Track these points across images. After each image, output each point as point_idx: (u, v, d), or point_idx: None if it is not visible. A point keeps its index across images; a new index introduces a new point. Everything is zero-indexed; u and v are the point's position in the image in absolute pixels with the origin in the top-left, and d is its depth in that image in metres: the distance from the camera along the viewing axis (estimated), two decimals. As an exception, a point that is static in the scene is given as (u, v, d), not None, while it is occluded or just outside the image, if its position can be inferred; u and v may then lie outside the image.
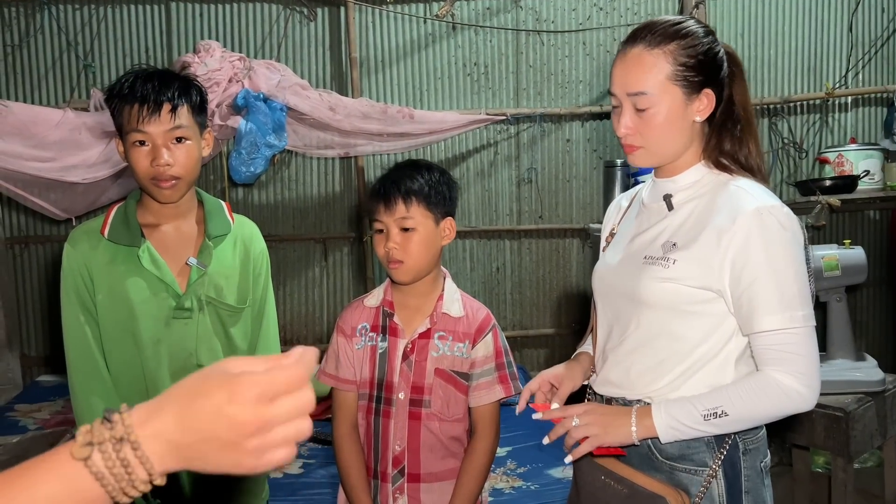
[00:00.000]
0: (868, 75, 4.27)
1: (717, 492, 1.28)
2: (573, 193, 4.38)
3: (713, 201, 1.29)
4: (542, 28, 4.26)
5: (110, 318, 1.52)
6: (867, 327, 4.41)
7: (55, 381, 4.06)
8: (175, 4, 4.14)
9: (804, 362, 1.21)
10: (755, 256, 1.22)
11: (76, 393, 1.54)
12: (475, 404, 1.58)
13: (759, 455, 1.32)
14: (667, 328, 1.30)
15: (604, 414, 1.29)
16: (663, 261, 1.29)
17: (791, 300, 1.21)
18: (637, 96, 1.28)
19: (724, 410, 1.21)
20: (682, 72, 1.27)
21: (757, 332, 1.23)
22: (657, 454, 1.32)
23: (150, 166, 1.47)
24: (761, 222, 1.22)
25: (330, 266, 4.38)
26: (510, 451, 3.05)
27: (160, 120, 1.46)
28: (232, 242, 1.62)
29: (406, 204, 1.52)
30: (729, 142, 1.33)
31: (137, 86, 1.46)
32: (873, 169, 3.52)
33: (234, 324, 1.61)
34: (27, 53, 4.09)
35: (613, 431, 1.27)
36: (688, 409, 1.23)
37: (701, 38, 1.29)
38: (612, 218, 1.55)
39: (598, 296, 1.48)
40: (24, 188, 3.48)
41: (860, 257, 2.41)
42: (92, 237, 1.54)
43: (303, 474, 2.93)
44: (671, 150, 1.33)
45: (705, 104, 1.30)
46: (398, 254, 1.52)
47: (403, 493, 1.56)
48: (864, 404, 2.29)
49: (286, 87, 3.58)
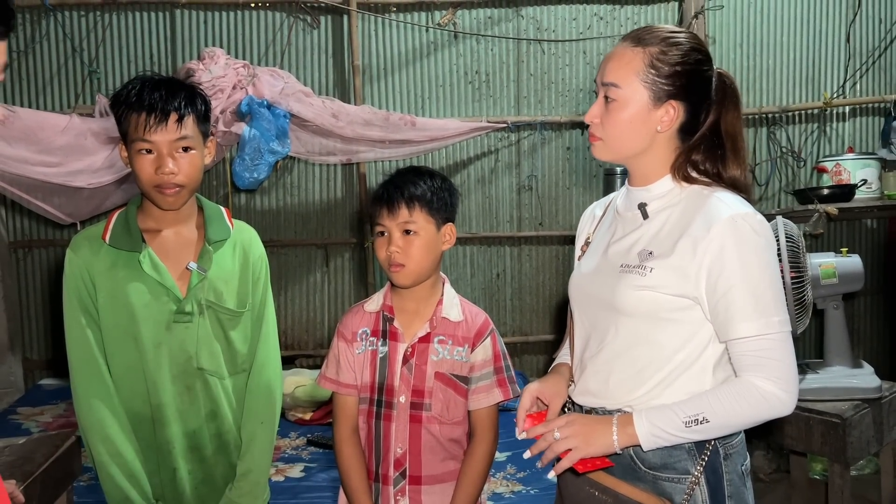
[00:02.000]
0: (865, 85, 4.31)
1: (700, 498, 1.29)
2: (573, 200, 4.41)
3: (688, 210, 1.30)
4: (542, 37, 4.30)
5: (111, 321, 1.54)
6: (864, 335, 4.43)
7: (57, 384, 4.08)
8: (180, 12, 4.17)
9: (782, 367, 1.22)
10: (730, 264, 1.23)
11: (78, 396, 1.56)
12: (474, 407, 1.60)
13: (739, 459, 1.33)
14: (645, 336, 1.31)
15: (584, 424, 1.28)
16: (640, 269, 1.30)
17: (766, 306, 1.23)
18: (608, 86, 1.31)
19: (705, 417, 1.22)
20: (652, 75, 1.29)
21: (734, 339, 1.24)
22: (640, 464, 1.32)
23: (154, 174, 1.48)
24: (735, 230, 1.23)
25: (331, 271, 4.40)
26: (510, 456, 3.07)
27: (167, 129, 1.48)
28: (231, 247, 1.64)
29: (409, 208, 1.54)
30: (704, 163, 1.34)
31: (145, 94, 1.47)
32: (870, 178, 3.54)
33: (233, 327, 1.63)
34: (33, 59, 4.12)
35: (595, 442, 1.26)
36: (669, 417, 1.23)
37: (685, 52, 1.30)
38: (587, 227, 1.56)
39: (574, 305, 1.48)
40: (28, 192, 3.50)
41: (857, 265, 2.44)
42: (93, 243, 1.56)
43: (304, 478, 2.95)
44: (627, 149, 1.34)
45: (670, 115, 1.30)
46: (400, 257, 1.54)
47: (405, 496, 1.57)
48: (860, 411, 2.32)
49: (289, 94, 3.61)
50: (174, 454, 1.59)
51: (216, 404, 1.61)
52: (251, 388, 1.67)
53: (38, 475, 1.87)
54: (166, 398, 1.56)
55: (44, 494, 1.90)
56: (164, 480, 1.60)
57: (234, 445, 1.66)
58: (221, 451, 1.64)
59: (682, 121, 1.32)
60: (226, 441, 1.64)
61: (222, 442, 1.64)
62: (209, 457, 1.63)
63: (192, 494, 1.62)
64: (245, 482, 1.63)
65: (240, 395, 1.66)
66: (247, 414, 1.66)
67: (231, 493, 1.63)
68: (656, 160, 1.35)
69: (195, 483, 1.62)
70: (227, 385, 1.63)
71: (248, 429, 1.65)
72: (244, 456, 1.65)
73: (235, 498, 1.62)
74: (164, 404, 1.56)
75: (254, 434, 1.65)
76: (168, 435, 1.58)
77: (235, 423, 1.65)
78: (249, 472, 1.64)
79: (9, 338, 4.10)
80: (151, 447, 1.58)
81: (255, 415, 1.66)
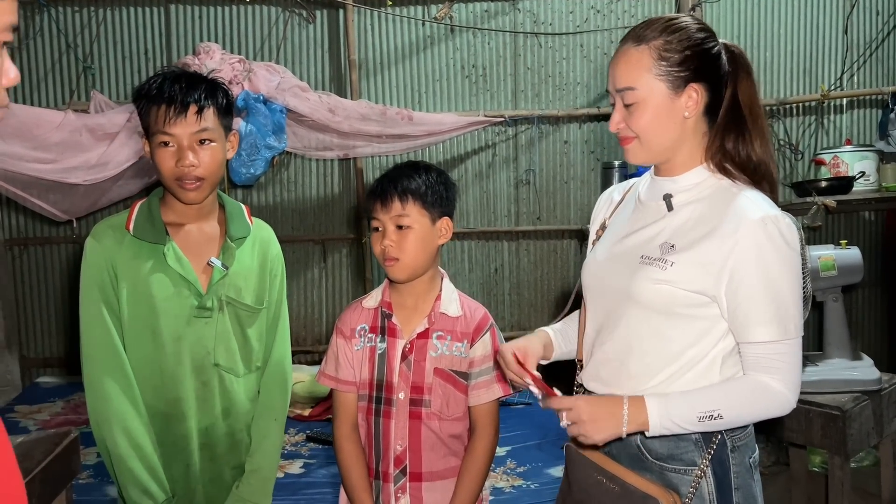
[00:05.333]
0: (863, 77, 4.30)
1: (706, 490, 1.29)
2: (571, 195, 4.40)
3: (716, 206, 1.28)
4: (539, 31, 4.28)
5: (132, 313, 1.53)
6: (863, 327, 4.44)
7: (54, 382, 4.07)
8: (174, 7, 4.15)
9: (793, 371, 1.25)
10: (755, 267, 1.22)
11: (94, 387, 1.53)
12: (474, 403, 1.59)
13: (747, 451, 1.33)
14: (657, 330, 1.30)
15: (593, 410, 1.24)
16: (661, 262, 1.28)
17: (786, 312, 1.23)
18: (624, 92, 1.30)
19: (719, 413, 1.22)
20: (665, 66, 1.27)
21: (751, 342, 1.25)
22: (647, 454, 1.32)
23: (174, 167, 1.49)
24: (765, 232, 1.22)
25: (329, 267, 4.39)
26: (510, 451, 3.07)
27: (186, 121, 1.48)
28: (251, 244, 1.65)
29: (402, 202, 1.54)
30: (732, 142, 1.31)
31: (165, 87, 1.48)
32: (868, 170, 3.55)
33: (251, 324, 1.63)
34: (27, 55, 4.10)
35: (604, 428, 1.23)
36: (684, 410, 1.23)
37: (691, 34, 1.29)
38: (603, 211, 1.53)
39: (587, 291, 1.46)
40: (23, 189, 3.49)
41: (856, 257, 2.43)
42: (117, 232, 1.55)
43: (304, 474, 2.95)
44: (662, 145, 1.31)
45: (694, 99, 1.29)
46: (394, 251, 1.53)
47: (405, 493, 1.57)
48: (860, 403, 2.32)
49: (286, 89, 3.59)
50: (188, 450, 1.58)
51: (230, 402, 1.61)
52: (268, 384, 1.67)
53: (37, 473, 1.86)
54: (184, 393, 1.56)
55: (43, 492, 1.89)
56: (175, 476, 1.59)
57: (245, 445, 1.65)
58: (233, 449, 1.64)
59: (706, 101, 1.30)
60: (237, 440, 1.64)
61: (234, 441, 1.63)
62: (221, 455, 1.62)
63: (202, 492, 1.62)
64: (255, 479, 1.63)
65: (251, 395, 1.66)
66: (261, 410, 1.66)
67: (240, 490, 1.62)
68: (687, 150, 1.33)
69: (205, 481, 1.62)
70: (241, 383, 1.63)
71: (262, 425, 1.65)
72: (255, 453, 1.64)
73: (245, 495, 1.62)
74: (182, 399, 1.56)
75: (267, 431, 1.66)
76: (183, 430, 1.57)
77: (246, 423, 1.65)
78: (260, 468, 1.64)
79: (5, 336, 4.08)
80: (164, 442, 1.57)
81: (270, 411, 1.67)
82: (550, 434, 3.15)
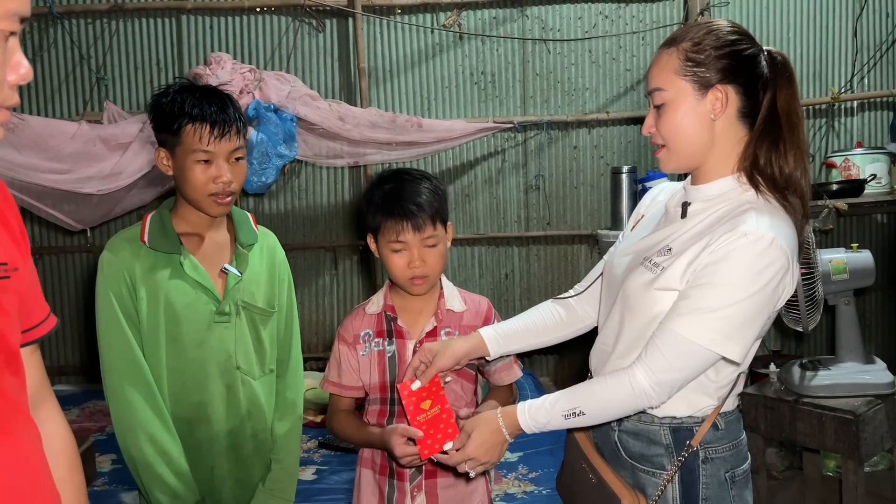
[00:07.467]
0: (873, 79, 4.29)
1: (671, 496, 1.30)
2: (581, 200, 4.41)
3: (723, 217, 1.26)
4: (548, 37, 4.30)
5: (151, 322, 1.56)
6: (876, 330, 4.41)
7: (70, 390, 4.09)
8: (186, 17, 4.20)
9: (668, 370, 1.22)
10: (714, 268, 1.20)
11: (117, 397, 1.54)
12: (500, 383, 1.67)
13: (724, 465, 1.31)
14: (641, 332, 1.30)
15: (479, 445, 1.36)
16: (655, 267, 1.29)
17: (715, 320, 1.19)
18: (654, 93, 1.31)
19: (581, 410, 1.28)
20: (691, 67, 1.27)
21: (664, 325, 1.23)
22: (622, 451, 1.36)
23: (210, 183, 1.53)
24: (742, 244, 1.19)
25: (339, 274, 4.41)
26: (522, 457, 3.07)
27: (228, 141, 1.53)
28: (259, 251, 1.69)
29: (433, 224, 1.55)
30: (765, 151, 1.27)
31: (203, 107, 1.51)
32: (880, 173, 3.52)
33: (265, 328, 1.68)
34: (41, 67, 4.15)
35: (498, 452, 1.38)
36: (547, 411, 1.30)
37: (720, 36, 1.27)
38: (646, 204, 1.52)
39: (603, 276, 1.49)
40: (38, 199, 3.53)
41: (868, 261, 2.42)
42: (133, 244, 1.58)
43: (316, 480, 2.96)
44: (690, 149, 1.30)
45: (721, 101, 1.26)
46: (424, 269, 1.55)
47: (421, 490, 1.59)
48: (873, 407, 2.30)
49: (296, 97, 3.62)
50: (213, 453, 1.61)
51: (253, 404, 1.65)
52: (290, 383, 1.73)
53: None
54: (208, 397, 1.59)
55: (59, 499, 1.90)
56: (200, 480, 1.61)
57: (268, 446, 1.70)
58: (258, 451, 1.67)
59: (739, 105, 1.28)
60: (262, 440, 1.68)
61: (258, 441, 1.67)
62: (246, 457, 1.66)
63: (229, 494, 1.65)
64: (281, 471, 1.68)
65: (267, 397, 1.70)
66: (283, 409, 1.72)
67: (266, 484, 1.66)
68: (717, 156, 1.30)
69: (231, 483, 1.65)
70: (259, 385, 1.67)
71: (285, 422, 1.71)
72: (279, 449, 1.70)
73: (271, 485, 1.66)
74: (206, 403, 1.59)
75: (291, 428, 1.72)
76: (208, 433, 1.60)
77: (266, 424, 1.69)
78: (285, 459, 1.70)
79: (21, 344, 4.11)
80: (188, 447, 1.59)
81: (294, 409, 1.73)
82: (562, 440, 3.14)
